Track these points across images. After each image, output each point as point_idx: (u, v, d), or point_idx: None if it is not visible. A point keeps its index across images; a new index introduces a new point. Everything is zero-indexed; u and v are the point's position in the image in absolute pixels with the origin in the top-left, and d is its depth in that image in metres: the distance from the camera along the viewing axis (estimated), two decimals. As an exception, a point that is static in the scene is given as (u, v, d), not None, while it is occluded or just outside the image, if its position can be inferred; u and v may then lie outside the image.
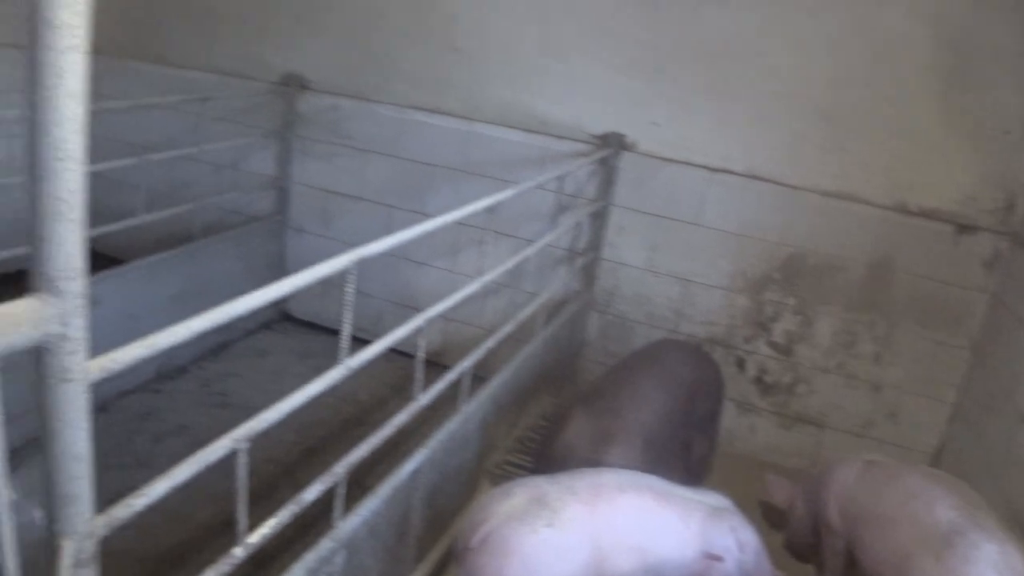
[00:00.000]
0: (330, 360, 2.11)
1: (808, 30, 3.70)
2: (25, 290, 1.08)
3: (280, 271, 4.69)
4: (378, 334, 2.36)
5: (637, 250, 4.16)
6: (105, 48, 4.96)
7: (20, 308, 1.04)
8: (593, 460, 2.75)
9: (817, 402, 4.02)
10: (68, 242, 1.06)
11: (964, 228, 3.69)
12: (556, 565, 2.22)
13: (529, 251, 3.27)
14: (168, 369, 4.13)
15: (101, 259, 3.80)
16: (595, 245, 4.18)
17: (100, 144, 4.59)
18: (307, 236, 4.80)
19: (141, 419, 3.74)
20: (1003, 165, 3.59)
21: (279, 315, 4.95)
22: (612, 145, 4.02)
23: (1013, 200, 3.60)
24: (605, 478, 2.45)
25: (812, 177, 3.83)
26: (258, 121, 4.68)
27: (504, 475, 3.31)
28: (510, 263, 3.12)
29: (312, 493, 2.01)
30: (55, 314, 1.07)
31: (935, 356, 3.82)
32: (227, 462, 1.67)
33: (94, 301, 1.18)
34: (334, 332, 4.84)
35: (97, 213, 4.77)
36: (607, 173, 4.07)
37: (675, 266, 4.11)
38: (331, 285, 4.70)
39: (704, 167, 3.96)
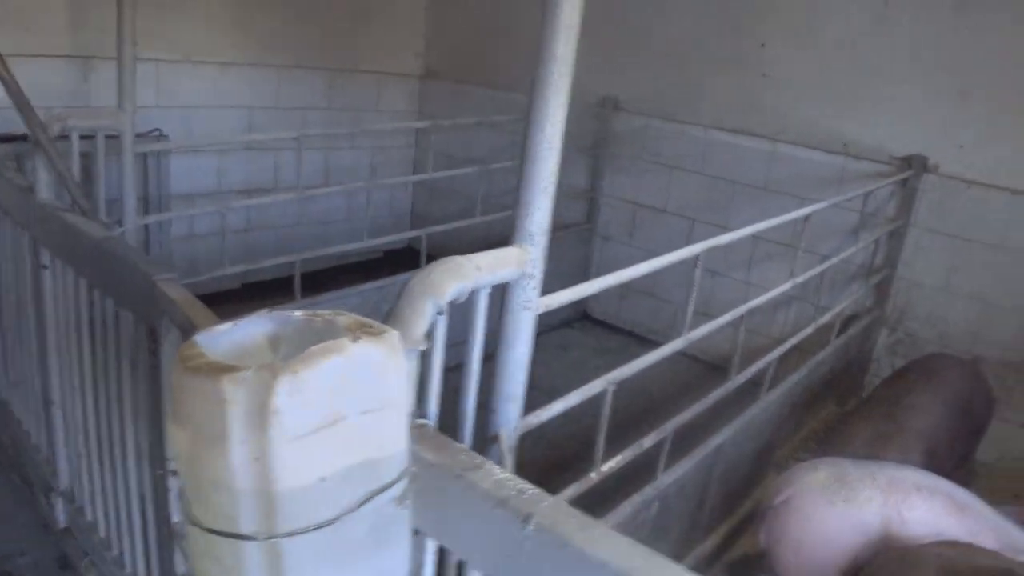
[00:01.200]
0: (624, 357, 2.42)
1: None
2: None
3: (586, 273, 5.19)
4: (672, 338, 2.66)
5: (934, 270, 4.21)
6: (444, 73, 5.77)
7: (510, 253, 1.50)
8: (870, 459, 2.90)
9: None
10: (543, 208, 1.51)
11: None
12: (845, 537, 2.43)
13: (824, 265, 3.49)
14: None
15: (425, 257, 4.49)
16: (891, 263, 4.29)
17: (435, 157, 5.40)
18: (613, 244, 5.27)
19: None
20: None
21: (579, 314, 5.44)
22: (915, 167, 4.12)
23: None
24: (905, 473, 2.61)
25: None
26: (575, 138, 5.19)
27: (785, 468, 3.53)
28: (803, 276, 3.36)
29: (649, 441, 2.39)
30: (529, 259, 1.53)
31: None
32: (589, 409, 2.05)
33: None
34: (628, 333, 5.32)
35: (427, 217, 5.56)
36: (907, 194, 4.17)
37: (974, 288, 4.12)
38: (629, 289, 5.17)
39: (1009, 190, 3.96)
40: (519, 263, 1.51)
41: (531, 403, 2.08)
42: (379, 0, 5.51)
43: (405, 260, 5.25)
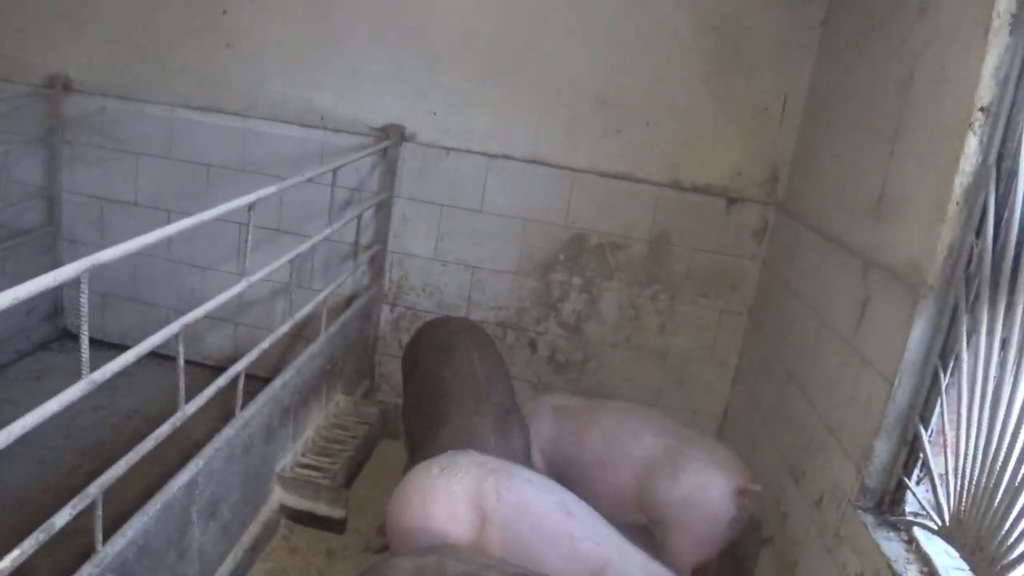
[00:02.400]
0: (114, 377, 1.98)
1: (582, 19, 3.82)
2: None
3: (57, 290, 4.39)
4: (170, 345, 2.27)
5: (424, 240, 4.16)
6: None
7: None
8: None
9: (609, 376, 4.14)
10: None
11: (734, 201, 3.89)
12: (437, 503, 2.41)
13: (304, 246, 3.18)
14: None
15: None
16: (381, 238, 4.14)
17: None
18: (83, 247, 4.48)
19: None
20: (766, 141, 3.81)
21: (58, 332, 4.64)
22: (392, 137, 3.99)
23: (776, 173, 3.83)
24: (520, 470, 2.58)
25: (592, 160, 3.96)
26: (19, 127, 4.35)
27: (298, 478, 3.22)
28: (283, 259, 3.03)
29: (62, 518, 1.86)
30: None
31: (717, 323, 4.03)
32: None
33: None
34: (119, 347, 4.59)
35: None
36: (388, 165, 4.04)
37: (462, 253, 4.14)
38: (111, 297, 4.49)
39: (485, 154, 4.01)
40: None
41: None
42: None
43: None
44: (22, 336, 4.39)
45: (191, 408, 2.46)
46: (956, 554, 2.03)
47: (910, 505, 2.28)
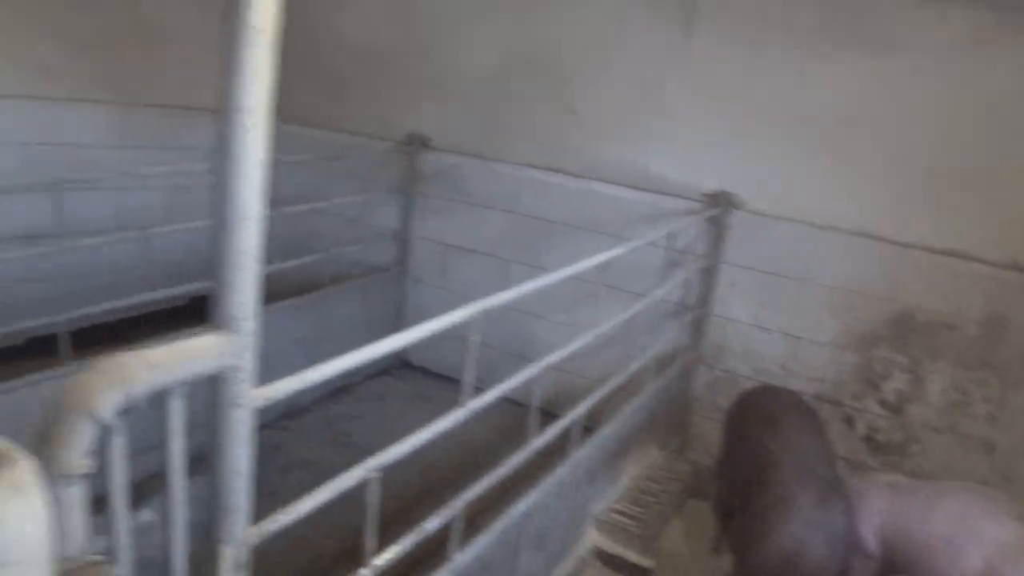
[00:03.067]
0: (446, 405, 2.27)
1: (913, 90, 3.73)
2: (196, 323, 1.27)
3: (399, 319, 4.95)
4: (493, 383, 2.51)
5: (746, 306, 4.21)
6: (248, 110, 5.41)
7: (205, 342, 1.23)
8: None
9: (930, 462, 3.94)
10: (246, 287, 1.25)
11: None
12: None
13: (640, 305, 3.38)
14: (295, 409, 4.39)
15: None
16: (704, 301, 4.25)
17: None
18: (426, 287, 5.05)
19: (269, 452, 3.99)
20: None
21: (398, 361, 5.18)
22: (722, 203, 4.11)
23: None
24: None
25: (921, 235, 3.82)
26: (383, 177, 4.98)
27: (613, 522, 3.39)
28: (622, 316, 3.24)
29: (432, 524, 2.16)
30: (231, 348, 1.27)
31: (1055, 419, 3.73)
32: (354, 495, 1.83)
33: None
34: (449, 379, 5.09)
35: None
36: (717, 230, 4.16)
37: (783, 322, 4.14)
38: (448, 334, 4.94)
39: (813, 225, 4.00)
40: (218, 354, 1.24)
41: (345, 461, 1.86)
42: (173, 31, 5.10)
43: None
44: (371, 362, 4.97)
45: (539, 443, 2.71)
46: None
47: None
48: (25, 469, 0.92)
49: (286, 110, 5.32)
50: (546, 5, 4.53)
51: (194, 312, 5.01)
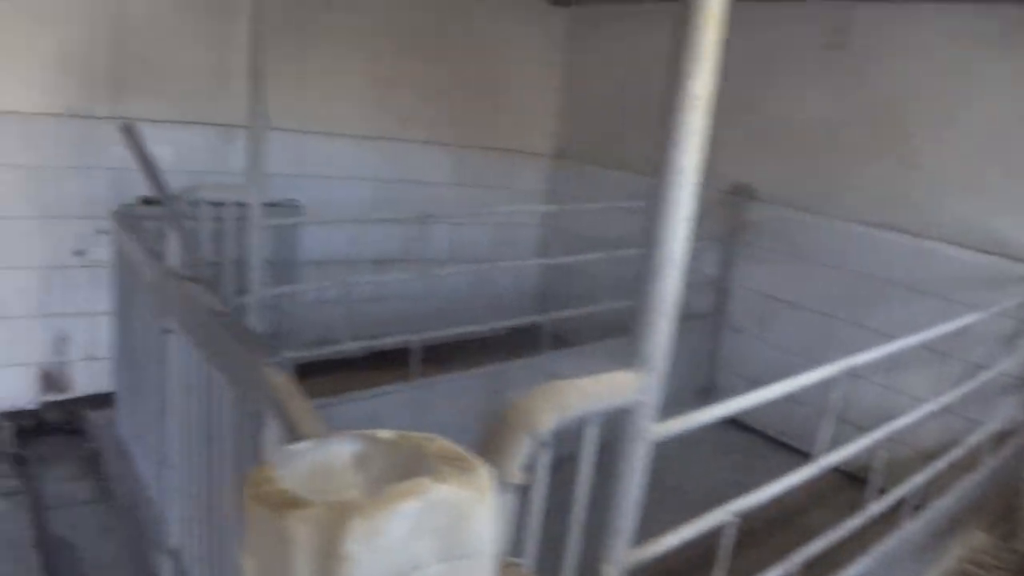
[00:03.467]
0: (751, 457, 2.29)
1: None
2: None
3: (713, 366, 4.98)
4: (805, 440, 2.50)
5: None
6: (575, 154, 5.74)
7: (623, 379, 1.37)
8: None
9: None
10: (662, 331, 1.38)
11: None
12: None
13: (985, 377, 3.19)
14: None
15: (549, 339, 4.40)
16: (1045, 375, 3.90)
17: (563, 238, 5.34)
18: (743, 336, 5.04)
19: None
20: None
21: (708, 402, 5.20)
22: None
23: None
24: None
25: None
26: (705, 225, 5.03)
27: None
28: (965, 387, 3.08)
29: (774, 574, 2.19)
30: (643, 385, 1.40)
31: None
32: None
33: (554, 374, 1.49)
34: (757, 432, 5.03)
35: (552, 298, 5.47)
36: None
37: None
38: (758, 385, 4.90)
39: None
40: (633, 390, 1.38)
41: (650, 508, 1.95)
42: (511, 79, 5.56)
43: (528, 339, 5.17)
44: (677, 404, 5.06)
45: (876, 510, 2.65)
46: None
47: None
48: (485, 475, 1.07)
49: (616, 157, 5.61)
50: (891, 58, 4.40)
51: (508, 341, 5.42)
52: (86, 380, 4.45)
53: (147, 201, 3.60)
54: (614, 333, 4.55)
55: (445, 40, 5.09)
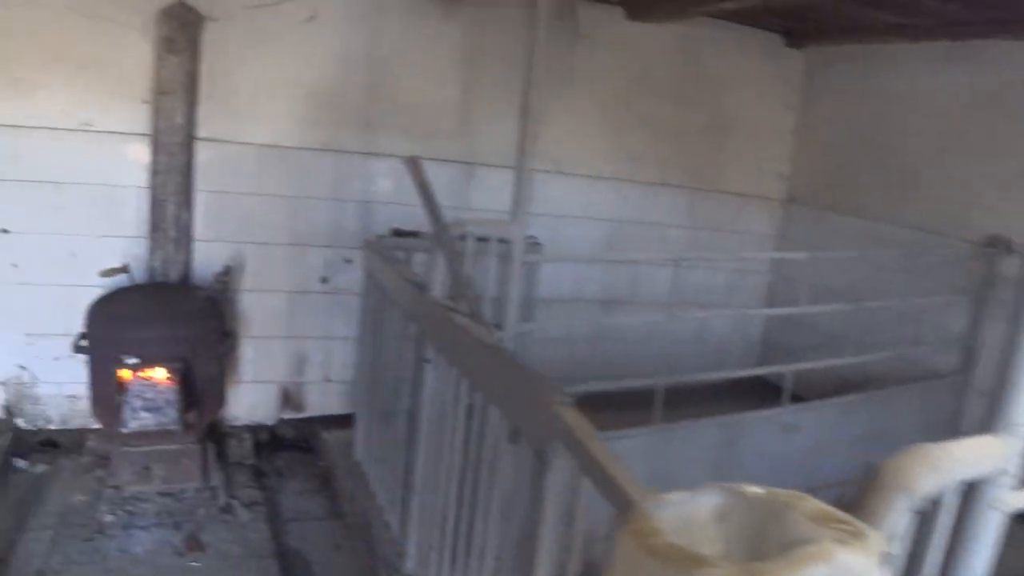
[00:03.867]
0: None
1: None
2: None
3: (955, 431, 4.59)
4: None
5: None
6: (807, 198, 5.53)
7: (990, 444, 1.26)
8: None
9: None
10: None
11: None
12: None
13: None
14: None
15: (774, 389, 4.21)
16: None
17: (792, 285, 5.13)
18: (991, 400, 4.64)
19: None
20: None
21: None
22: None
23: None
24: None
25: None
26: (948, 277, 4.72)
27: None
28: None
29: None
30: (1006, 452, 1.28)
31: None
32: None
33: (793, 428, 1.37)
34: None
35: (776, 347, 5.24)
36: None
37: None
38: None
39: None
40: (998, 456, 1.26)
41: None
42: (744, 121, 5.44)
43: (752, 389, 4.99)
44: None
45: None
46: None
47: None
48: (878, 540, 0.99)
49: (851, 202, 5.35)
50: None
51: (733, 389, 5.21)
52: (319, 401, 4.67)
53: (398, 233, 3.74)
54: (850, 388, 4.32)
55: (679, 80, 5.05)
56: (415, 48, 4.41)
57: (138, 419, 3.62)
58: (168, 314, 3.66)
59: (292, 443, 4.62)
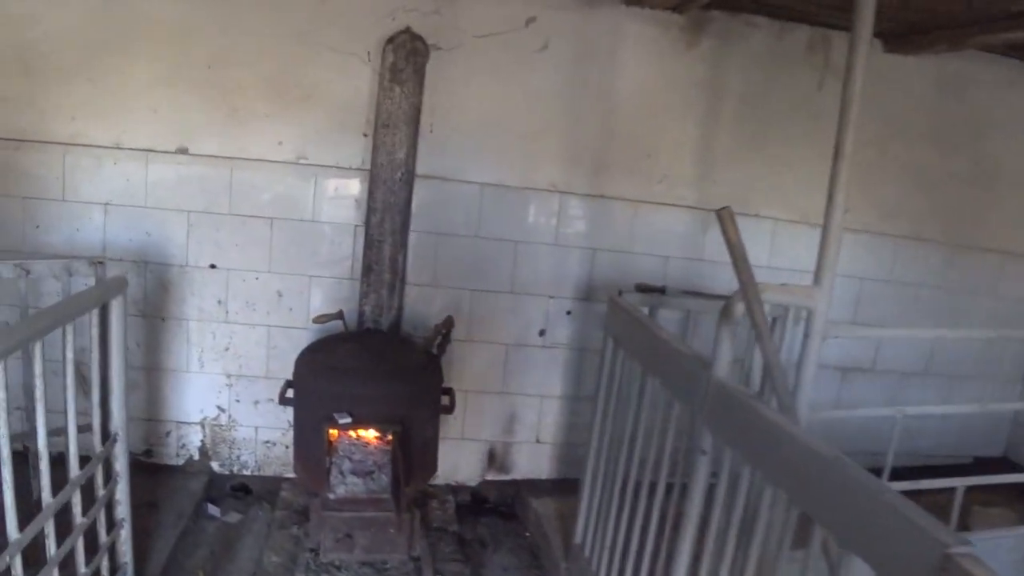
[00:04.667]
0: None
1: None
2: None
3: None
4: None
5: None
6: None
7: None
8: None
9: None
10: None
11: None
12: None
13: None
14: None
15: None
16: None
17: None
18: None
19: None
20: None
21: None
22: None
23: None
24: None
25: None
26: None
27: None
28: None
29: None
30: None
31: None
32: None
33: None
34: None
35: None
36: None
37: None
38: None
39: None
40: None
41: None
42: (1013, 171, 4.65)
43: (997, 468, 4.26)
44: None
45: None
46: None
47: None
48: None
49: None
50: None
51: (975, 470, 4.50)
52: (527, 463, 4.28)
53: (643, 288, 3.29)
54: None
55: (939, 122, 4.36)
56: (653, 81, 3.96)
57: (345, 484, 3.29)
58: (385, 369, 3.32)
59: (494, 507, 4.23)
